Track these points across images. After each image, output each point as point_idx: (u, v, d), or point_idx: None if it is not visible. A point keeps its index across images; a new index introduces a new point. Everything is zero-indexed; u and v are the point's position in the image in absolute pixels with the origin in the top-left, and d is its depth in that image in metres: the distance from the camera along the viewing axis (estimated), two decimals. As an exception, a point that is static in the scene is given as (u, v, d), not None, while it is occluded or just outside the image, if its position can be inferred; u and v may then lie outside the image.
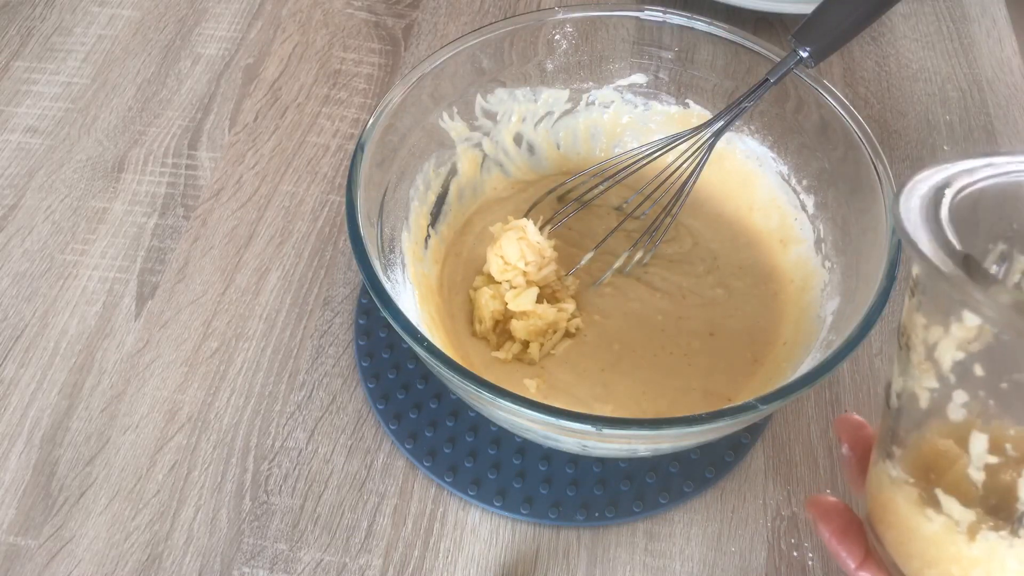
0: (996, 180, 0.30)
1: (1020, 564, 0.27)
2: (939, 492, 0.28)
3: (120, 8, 0.69)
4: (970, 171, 0.30)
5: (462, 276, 0.51)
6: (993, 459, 0.26)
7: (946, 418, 0.27)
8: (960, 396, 0.27)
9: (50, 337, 0.51)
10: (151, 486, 0.46)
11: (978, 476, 0.27)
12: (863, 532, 0.33)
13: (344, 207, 0.48)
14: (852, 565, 0.33)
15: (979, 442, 0.27)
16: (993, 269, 0.30)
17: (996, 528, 0.27)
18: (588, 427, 0.36)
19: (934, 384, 0.27)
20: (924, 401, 0.28)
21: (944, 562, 0.29)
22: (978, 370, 0.26)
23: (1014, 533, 0.27)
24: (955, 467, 0.28)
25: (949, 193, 0.29)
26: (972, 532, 0.27)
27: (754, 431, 0.48)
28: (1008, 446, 0.26)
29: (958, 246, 0.26)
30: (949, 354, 0.27)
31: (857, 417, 0.35)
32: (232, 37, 0.67)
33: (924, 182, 0.29)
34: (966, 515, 0.27)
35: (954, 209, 0.28)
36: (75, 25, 0.67)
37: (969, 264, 0.25)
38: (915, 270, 0.29)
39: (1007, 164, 0.30)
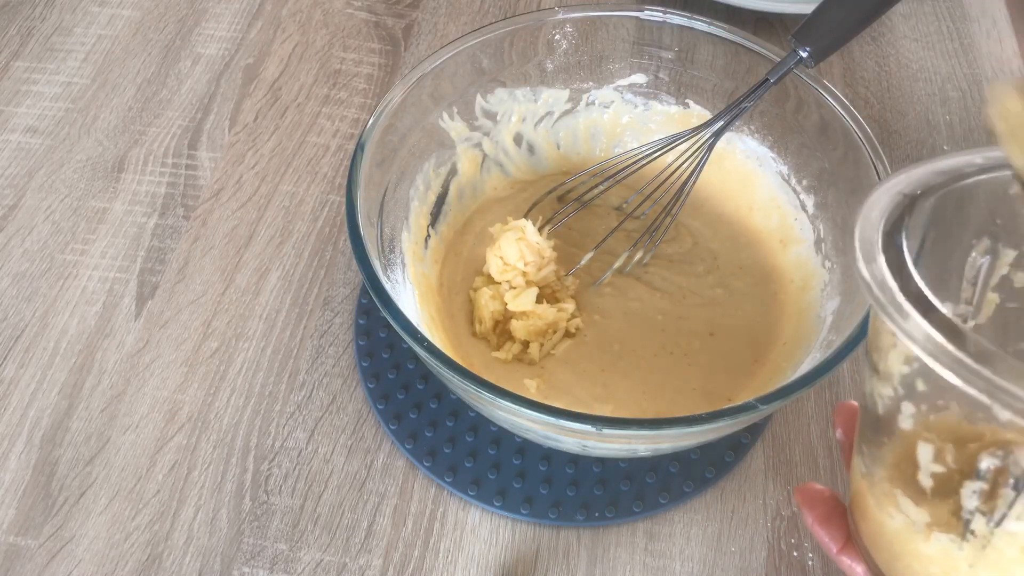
0: (979, 177, 0.30)
1: (969, 566, 0.28)
2: (897, 492, 0.29)
3: (120, 8, 0.69)
4: (946, 171, 0.30)
5: (462, 276, 0.51)
6: (938, 468, 0.27)
7: (898, 426, 0.28)
8: (907, 407, 0.27)
9: (50, 337, 0.51)
10: (151, 486, 0.46)
11: (927, 482, 0.28)
12: (845, 519, 0.34)
13: (344, 207, 0.48)
14: (834, 549, 0.34)
15: (925, 452, 0.27)
16: (979, 262, 0.31)
17: (946, 531, 0.28)
18: (588, 427, 0.36)
19: (889, 392, 0.28)
20: (880, 407, 0.29)
21: (906, 556, 0.30)
22: (920, 385, 0.27)
23: (962, 536, 0.27)
24: (909, 471, 0.28)
25: (921, 200, 0.29)
26: (927, 532, 0.28)
27: (754, 431, 0.48)
28: (948, 458, 0.27)
29: (911, 265, 0.26)
30: (896, 366, 0.27)
31: (854, 403, 0.36)
32: (232, 37, 0.67)
33: (888, 192, 0.29)
34: (921, 516, 0.28)
35: (931, 210, 0.29)
36: (75, 25, 0.67)
37: (908, 284, 0.25)
38: None
39: (985, 160, 0.30)
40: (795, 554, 0.45)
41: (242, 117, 0.62)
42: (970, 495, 0.26)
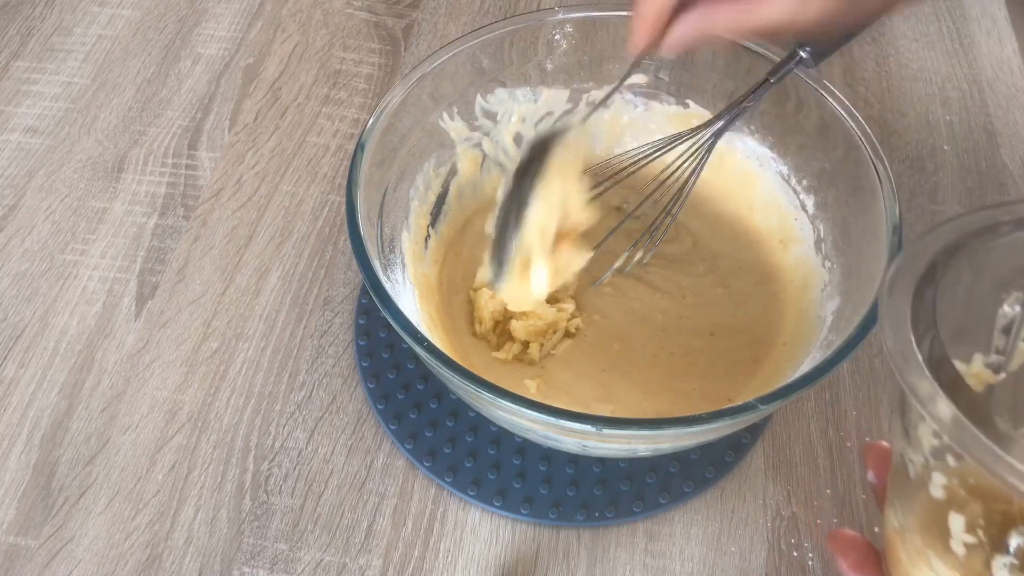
0: (1016, 234, 0.30)
1: None
2: (929, 554, 0.29)
3: (120, 8, 0.69)
4: (977, 227, 0.30)
5: (462, 276, 0.51)
6: (970, 539, 0.27)
7: (930, 493, 0.28)
8: (938, 478, 0.28)
9: (50, 337, 0.51)
10: (151, 486, 0.46)
11: (959, 550, 0.28)
12: (879, 565, 0.35)
13: (344, 207, 0.48)
14: None
15: (956, 523, 0.28)
16: (1011, 313, 0.31)
17: None
18: (588, 427, 0.36)
19: (920, 460, 0.28)
20: (911, 472, 0.29)
21: None
22: (950, 460, 0.27)
23: None
24: (940, 535, 0.29)
25: (952, 256, 0.29)
26: None
27: (754, 431, 0.48)
28: (980, 533, 0.27)
29: (938, 326, 0.27)
30: (927, 438, 0.28)
31: (884, 444, 0.36)
32: (232, 37, 0.67)
33: (918, 251, 0.29)
34: None
35: (961, 266, 0.29)
36: (75, 25, 0.67)
37: (941, 365, 0.25)
38: None
39: (1013, 216, 0.30)
40: (795, 554, 0.45)
41: (242, 117, 0.62)
42: (1000, 567, 0.27)
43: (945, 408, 0.24)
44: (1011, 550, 0.27)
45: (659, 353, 0.48)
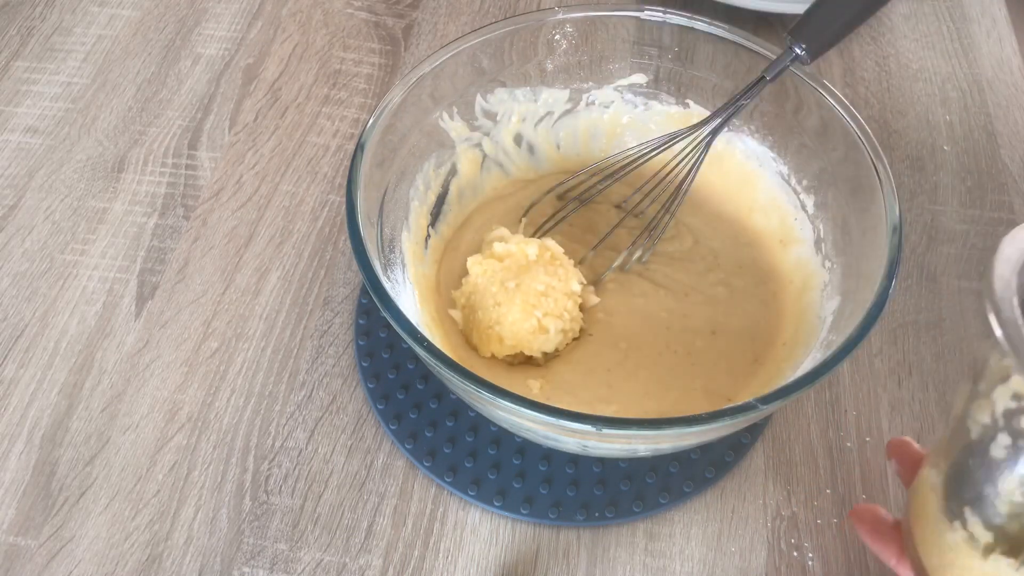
0: None
1: None
2: (967, 509, 0.30)
3: (120, 8, 0.69)
4: None
5: (459, 271, 0.51)
6: (1019, 499, 0.28)
7: (989, 453, 0.29)
8: (1003, 439, 0.28)
9: (50, 337, 0.51)
10: (151, 486, 0.46)
11: (1003, 509, 0.29)
12: (895, 532, 0.37)
13: (344, 207, 0.48)
14: (892, 561, 0.37)
15: (1008, 481, 0.29)
16: None
17: (1007, 555, 0.29)
18: (588, 427, 0.36)
19: (986, 420, 0.29)
20: (974, 432, 0.30)
21: (958, 569, 0.31)
22: (1023, 423, 0.28)
23: (1023, 563, 0.29)
24: (986, 494, 0.30)
25: None
26: (987, 552, 0.30)
27: (754, 431, 0.48)
28: None
29: None
30: (1002, 400, 0.28)
31: (905, 437, 0.39)
32: (232, 37, 0.67)
33: None
34: (984, 535, 0.30)
35: None
36: (75, 25, 0.67)
37: None
38: None
39: None
40: (795, 554, 0.45)
41: (242, 117, 0.62)
42: None
43: None
44: None
45: (664, 352, 0.48)
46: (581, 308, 0.49)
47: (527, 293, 0.46)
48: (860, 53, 0.69)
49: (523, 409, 0.36)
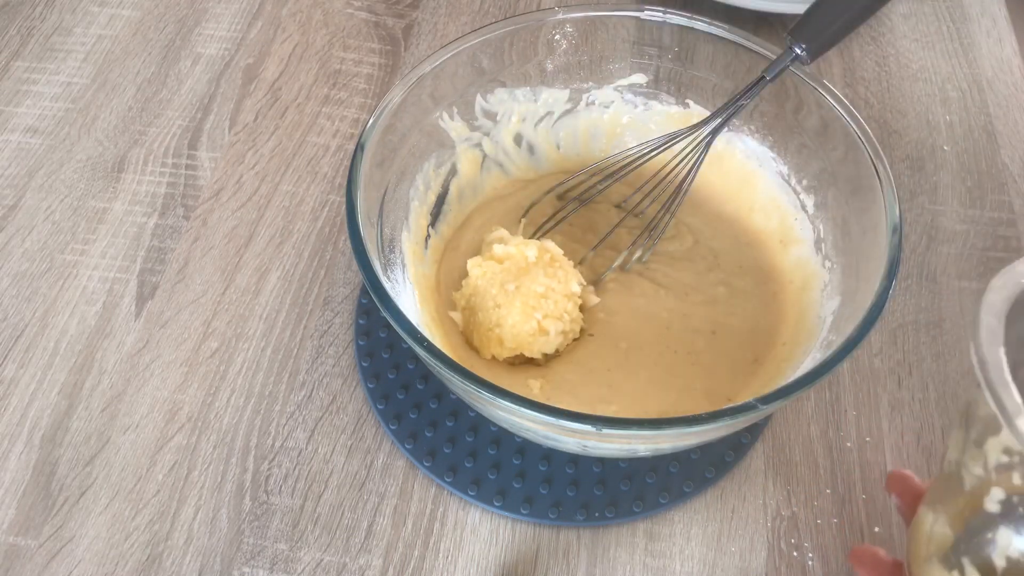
0: None
1: None
2: (965, 560, 0.30)
3: (120, 8, 0.69)
4: None
5: (459, 271, 0.51)
6: (1014, 555, 0.28)
7: (983, 506, 0.29)
8: (997, 493, 0.28)
9: (50, 337, 0.51)
10: (151, 486, 0.46)
11: (999, 563, 0.29)
12: (895, 572, 0.36)
13: (344, 207, 0.48)
14: None
15: (1003, 536, 0.28)
16: None
17: None
18: (588, 427, 0.36)
19: (979, 472, 0.29)
20: (967, 483, 0.29)
21: None
22: (1016, 479, 0.27)
23: None
24: (983, 547, 0.29)
25: None
26: None
27: (754, 431, 0.48)
28: None
29: None
30: (994, 453, 0.28)
31: (905, 471, 0.39)
32: (232, 37, 0.67)
33: (1014, 276, 0.29)
34: None
35: None
36: (75, 25, 0.67)
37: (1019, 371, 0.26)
38: None
39: None
40: (795, 554, 0.45)
41: (242, 117, 0.62)
42: None
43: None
44: None
45: (664, 352, 0.48)
46: (581, 308, 0.49)
47: (527, 295, 0.46)
48: (860, 53, 0.69)
49: (523, 409, 0.36)
